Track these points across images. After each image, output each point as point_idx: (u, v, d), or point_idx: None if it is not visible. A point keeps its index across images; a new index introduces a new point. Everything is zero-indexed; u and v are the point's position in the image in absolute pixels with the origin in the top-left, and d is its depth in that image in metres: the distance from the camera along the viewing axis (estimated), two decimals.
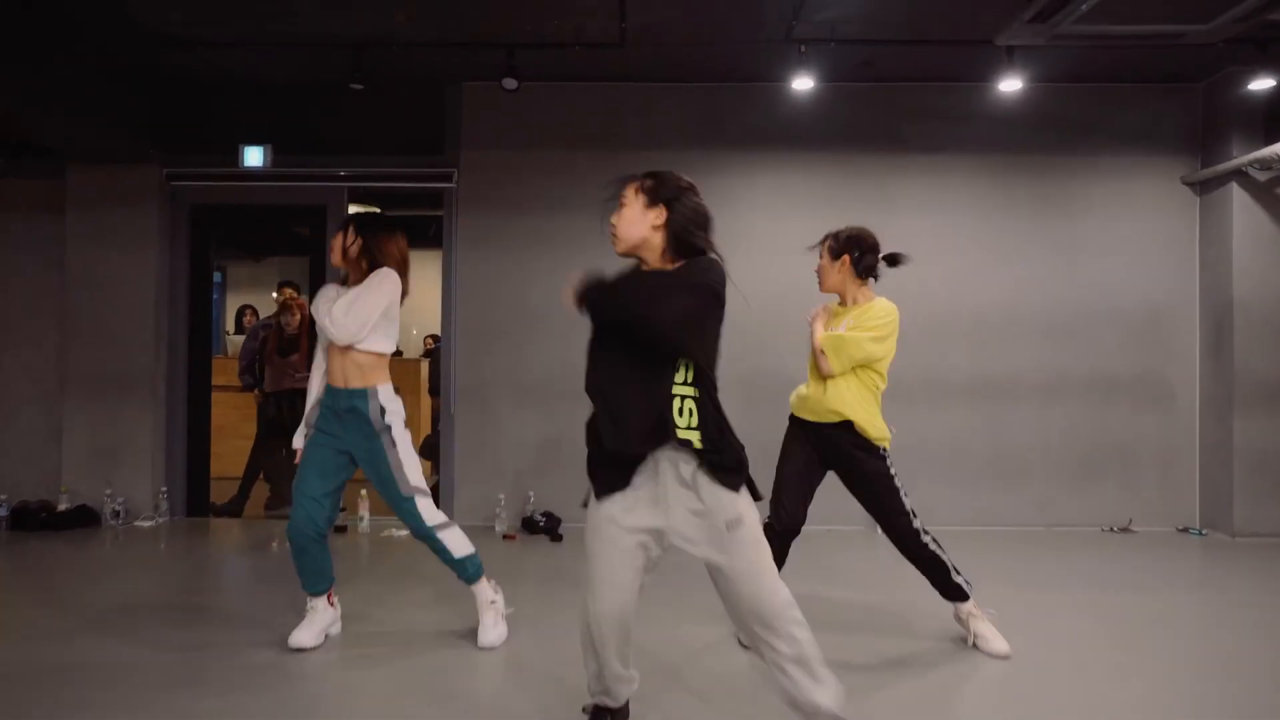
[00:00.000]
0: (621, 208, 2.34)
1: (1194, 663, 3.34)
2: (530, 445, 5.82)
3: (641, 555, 2.29)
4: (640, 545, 2.27)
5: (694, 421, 2.22)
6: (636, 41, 5.01)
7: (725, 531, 2.20)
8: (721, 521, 2.21)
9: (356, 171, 5.92)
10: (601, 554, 2.29)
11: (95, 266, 5.81)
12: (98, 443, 5.80)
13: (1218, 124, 5.69)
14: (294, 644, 3.29)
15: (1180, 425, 5.87)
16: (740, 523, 2.22)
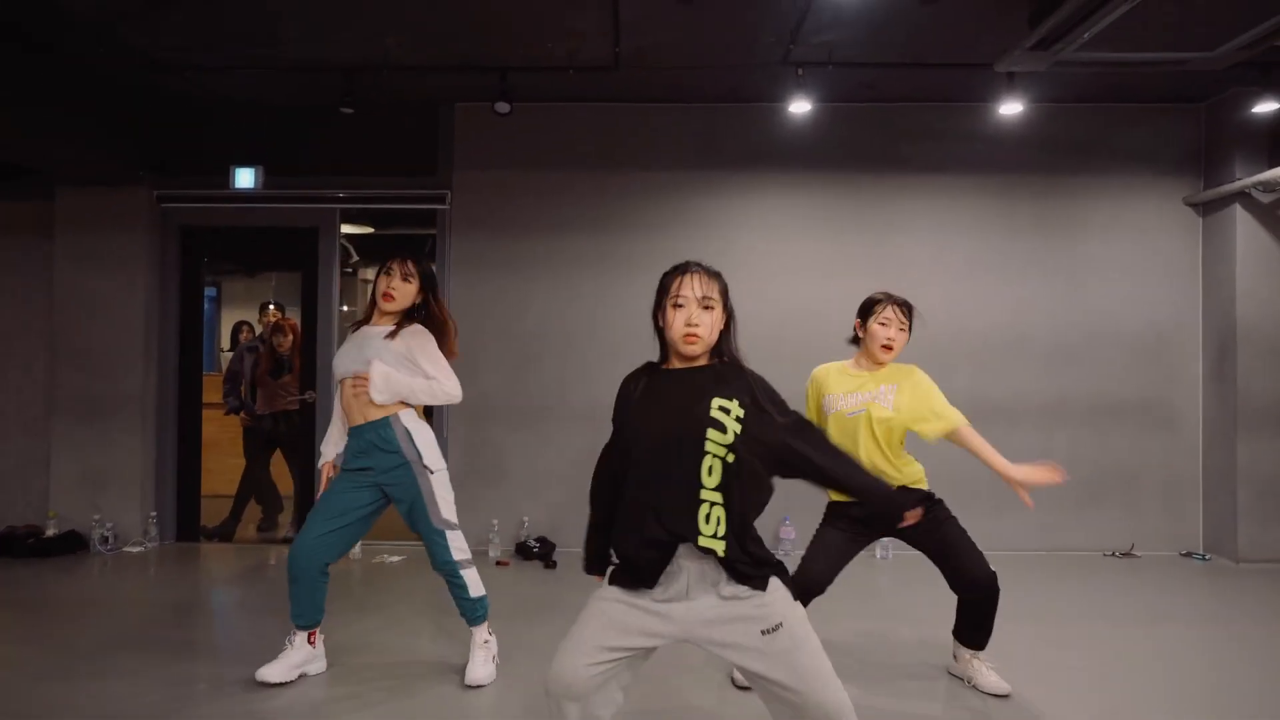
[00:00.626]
0: (710, 310, 2.18)
1: (1197, 696, 3.27)
2: (525, 469, 5.74)
3: (628, 652, 2.12)
4: (636, 641, 2.11)
5: (720, 530, 2.06)
6: (630, 64, 4.95)
7: (764, 637, 2.05)
8: (756, 628, 2.06)
9: (349, 193, 5.84)
10: (585, 620, 2.15)
11: (84, 289, 5.74)
12: (86, 466, 5.72)
13: (1221, 145, 5.61)
14: (260, 677, 3.22)
15: (1184, 449, 5.79)
16: (782, 624, 2.06)
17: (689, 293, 2.17)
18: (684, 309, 2.16)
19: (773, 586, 2.10)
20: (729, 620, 2.07)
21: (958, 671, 3.44)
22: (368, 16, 4.35)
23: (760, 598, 2.08)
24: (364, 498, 3.24)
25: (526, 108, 5.55)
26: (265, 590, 4.83)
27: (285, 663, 3.28)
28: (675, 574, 2.08)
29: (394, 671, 3.46)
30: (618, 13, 4.23)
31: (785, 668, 2.04)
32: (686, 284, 2.19)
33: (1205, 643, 3.91)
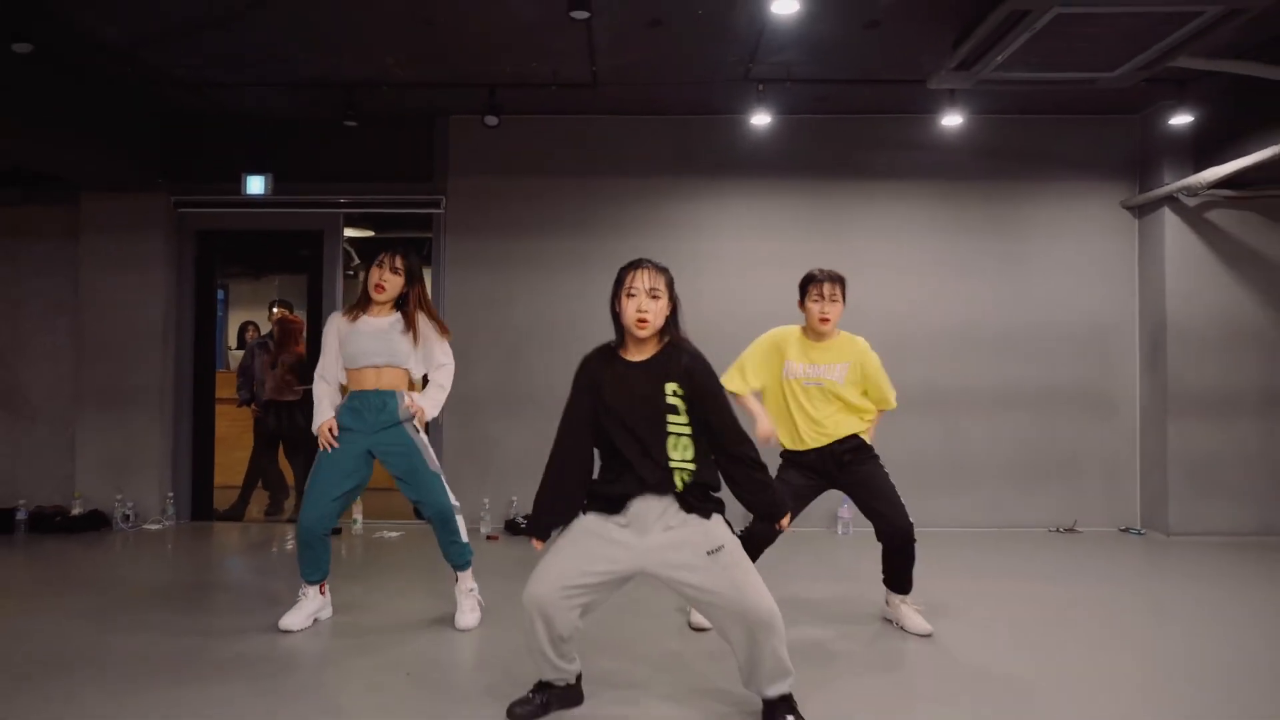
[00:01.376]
0: (656, 299, 2.63)
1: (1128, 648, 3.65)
2: (513, 453, 6.20)
3: (600, 576, 2.60)
4: (607, 568, 2.59)
5: (687, 482, 2.60)
6: (607, 81, 5.45)
7: (709, 556, 2.56)
8: (704, 550, 2.57)
9: (351, 198, 6.33)
10: (561, 548, 2.64)
11: (107, 288, 6.24)
12: (109, 452, 6.20)
13: (1152, 153, 6.11)
14: (283, 625, 3.67)
15: (1121, 433, 6.27)
16: (723, 547, 2.58)
17: (639, 285, 2.65)
18: (635, 298, 2.64)
19: (715, 518, 2.62)
20: (679, 545, 2.58)
21: (888, 615, 3.91)
22: (368, 38, 4.84)
23: (705, 525, 2.60)
24: (361, 461, 3.70)
25: (514, 120, 6.03)
26: (273, 560, 5.30)
27: (302, 611, 3.74)
28: (637, 508, 2.60)
29: (391, 623, 3.92)
30: (592, 35, 4.72)
31: (726, 581, 2.55)
32: (638, 278, 2.66)
33: (1137, 605, 4.30)
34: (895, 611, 3.86)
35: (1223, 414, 5.94)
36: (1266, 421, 5.93)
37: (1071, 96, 5.70)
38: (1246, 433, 5.93)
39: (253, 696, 3.01)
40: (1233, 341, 5.95)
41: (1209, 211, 5.96)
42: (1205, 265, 5.98)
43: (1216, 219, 5.97)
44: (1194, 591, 4.54)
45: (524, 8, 4.40)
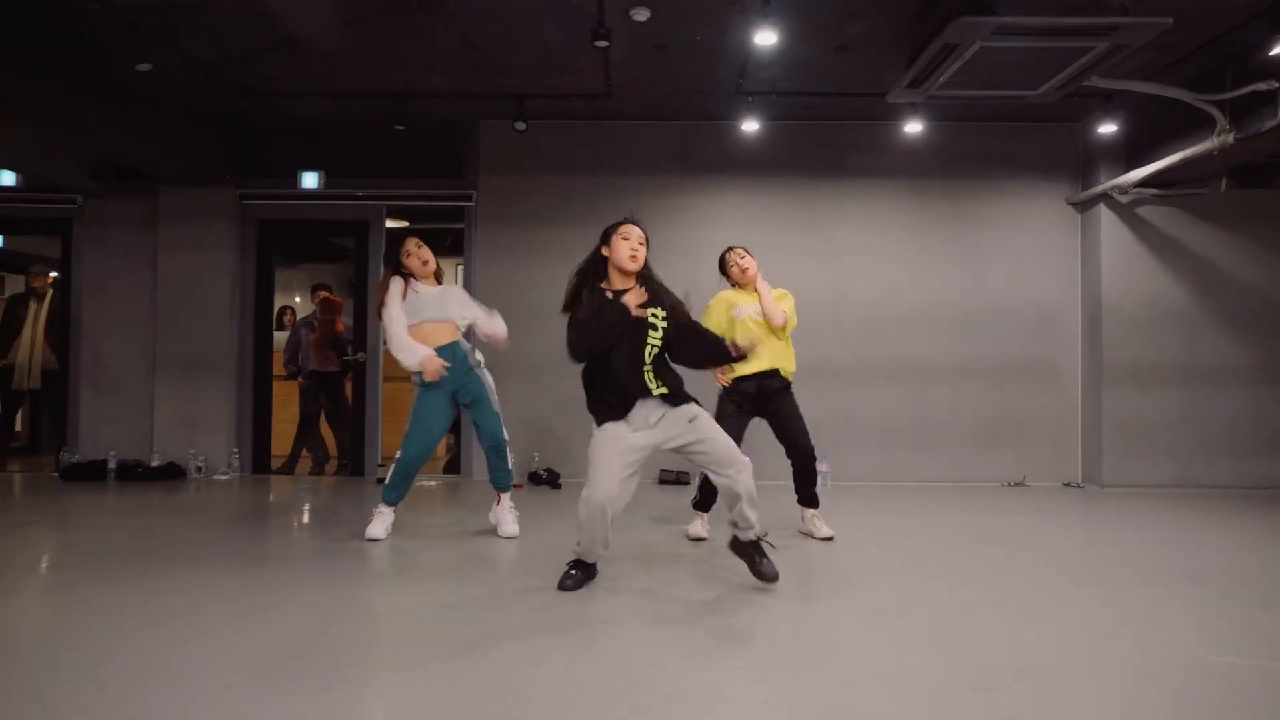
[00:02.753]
0: (642, 246, 3.62)
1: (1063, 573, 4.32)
2: (533, 415, 7.11)
3: (635, 462, 3.54)
4: (636, 455, 3.53)
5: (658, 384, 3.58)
6: (619, 93, 6.36)
7: (690, 423, 3.55)
8: (685, 420, 3.56)
9: (393, 193, 7.25)
10: (604, 457, 3.51)
11: (181, 269, 7.16)
12: (183, 412, 7.13)
13: (1090, 156, 7.02)
14: (369, 535, 4.59)
15: (1065, 400, 7.19)
16: (697, 415, 3.59)
17: (632, 232, 3.62)
18: (629, 240, 3.60)
19: (689, 402, 3.61)
20: (671, 423, 3.56)
21: (804, 529, 4.84)
22: (419, 57, 5.74)
23: (684, 407, 3.59)
24: (449, 410, 4.65)
25: (537, 125, 6.93)
26: (324, 502, 6.21)
27: (383, 524, 4.64)
28: (638, 411, 3.55)
29: (446, 537, 4.85)
30: (608, 56, 5.63)
31: (703, 433, 3.56)
32: (629, 228, 3.64)
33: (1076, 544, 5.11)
34: (809, 524, 4.79)
35: (1149, 383, 6.85)
36: (1186, 389, 6.84)
37: (1017, 107, 6.59)
38: (1169, 399, 6.85)
39: (360, 576, 3.95)
40: (1158, 321, 6.86)
41: (1139, 208, 6.87)
42: (1136, 255, 6.89)
43: (1146, 214, 6.88)
44: (1123, 533, 5.27)
45: (552, 34, 5.30)
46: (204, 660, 2.74)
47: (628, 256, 3.57)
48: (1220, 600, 3.62)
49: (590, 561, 3.74)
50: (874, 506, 6.00)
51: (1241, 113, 5.27)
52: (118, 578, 3.78)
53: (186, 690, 2.50)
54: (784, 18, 4.93)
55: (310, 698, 2.46)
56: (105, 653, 2.81)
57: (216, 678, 2.59)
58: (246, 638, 2.98)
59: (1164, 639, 3.07)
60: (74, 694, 2.47)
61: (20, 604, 3.48)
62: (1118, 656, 2.88)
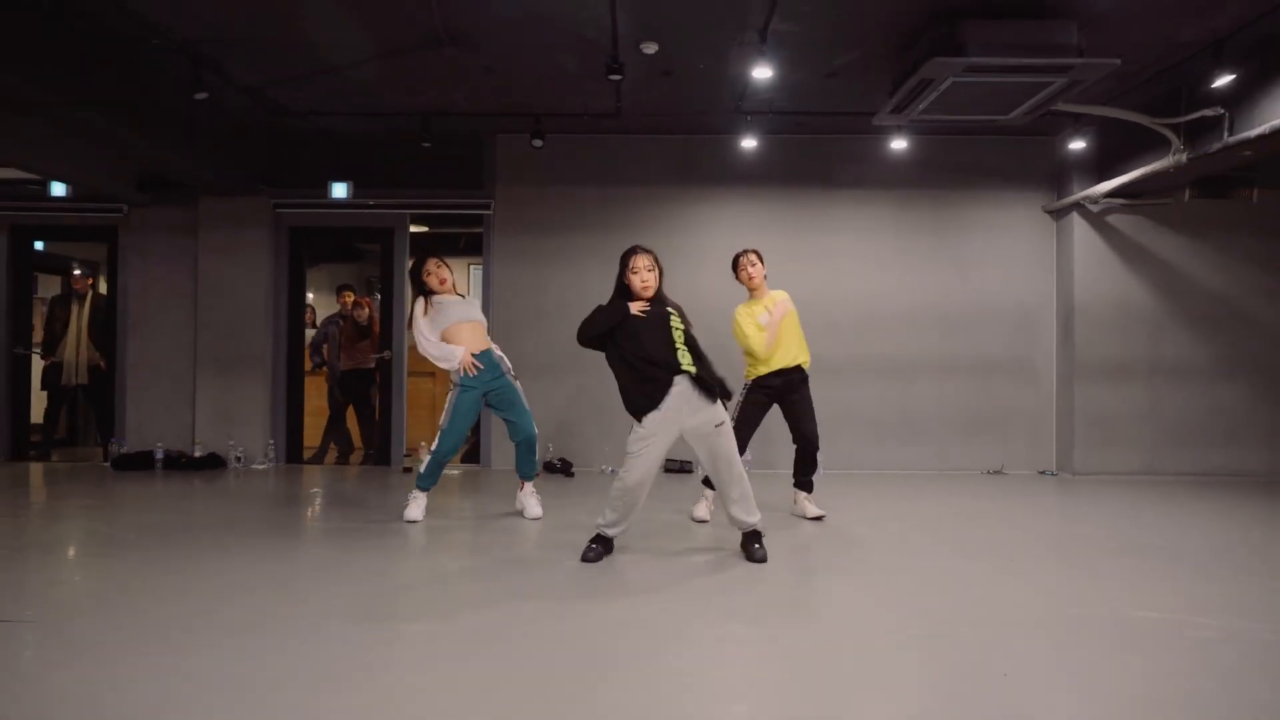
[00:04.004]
0: (651, 273, 4.21)
1: (1034, 549, 4.88)
2: (548, 409, 7.63)
3: (665, 451, 4.11)
4: (665, 444, 4.09)
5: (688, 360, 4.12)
6: (628, 113, 6.90)
7: (715, 429, 4.09)
8: (713, 425, 4.10)
9: (417, 201, 7.78)
10: (643, 450, 4.04)
11: (219, 273, 7.69)
12: (222, 406, 7.68)
13: (1064, 168, 7.56)
14: (408, 518, 5.13)
15: (1041, 394, 7.73)
16: (724, 423, 4.13)
17: (640, 263, 4.19)
18: (638, 274, 4.17)
19: (718, 404, 4.14)
20: (700, 422, 4.09)
21: (796, 511, 5.39)
22: (443, 80, 6.27)
23: (713, 408, 4.12)
24: (478, 407, 5.18)
25: (550, 139, 7.44)
26: (351, 490, 6.76)
27: (419, 506, 5.20)
28: (672, 399, 4.05)
29: (476, 518, 5.42)
30: (620, 83, 6.16)
31: (725, 443, 4.09)
32: (637, 259, 4.21)
33: (1050, 527, 5.78)
34: (800, 506, 5.34)
35: (1118, 379, 7.40)
36: (1152, 384, 7.40)
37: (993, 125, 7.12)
38: (1136, 393, 7.40)
39: (405, 551, 4.52)
40: (1126, 321, 7.41)
41: (1109, 216, 7.42)
42: (1106, 260, 7.43)
43: (1115, 222, 7.42)
44: (1094, 517, 5.84)
45: (568, 61, 5.84)
46: (303, 608, 3.30)
47: (639, 287, 4.19)
48: (1158, 570, 4.18)
49: (610, 537, 4.29)
50: (863, 491, 6.56)
51: (1194, 134, 5.81)
52: (201, 549, 4.34)
53: (292, 627, 3.06)
54: (780, 50, 5.47)
55: (399, 627, 3.02)
56: (225, 605, 3.37)
57: (315, 620, 3.15)
58: (333, 590, 3.54)
59: (1100, 600, 3.63)
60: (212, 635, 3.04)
61: (143, 571, 4.04)
62: (1058, 612, 3.44)
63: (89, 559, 4.37)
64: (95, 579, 3.94)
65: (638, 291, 4.19)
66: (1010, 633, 3.18)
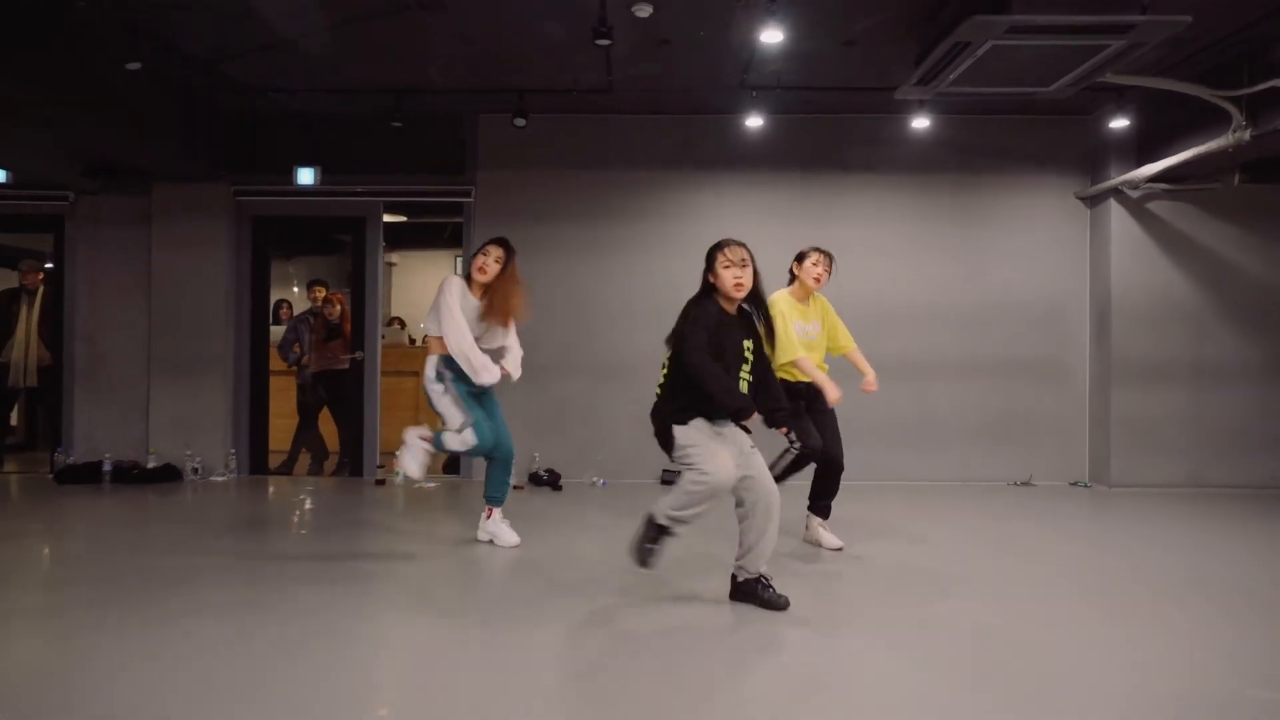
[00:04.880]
0: (746, 269, 3.54)
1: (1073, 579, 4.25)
2: (535, 415, 6.99)
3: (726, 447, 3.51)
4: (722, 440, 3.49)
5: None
6: (621, 88, 6.24)
7: (750, 450, 3.51)
8: (748, 446, 3.52)
9: (391, 188, 7.13)
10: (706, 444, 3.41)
11: (175, 268, 7.04)
12: (179, 413, 7.04)
13: (1101, 150, 6.90)
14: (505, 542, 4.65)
15: (1073, 398, 7.10)
16: (755, 446, 3.54)
17: (734, 255, 3.57)
18: (731, 268, 3.55)
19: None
20: (741, 441, 3.50)
21: (809, 538, 4.76)
22: (415, 53, 5.62)
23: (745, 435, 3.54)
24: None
25: (536, 119, 6.79)
26: (322, 504, 6.13)
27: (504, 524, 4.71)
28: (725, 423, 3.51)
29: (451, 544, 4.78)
30: (610, 52, 5.50)
31: (759, 466, 3.49)
32: (731, 252, 3.58)
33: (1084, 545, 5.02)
34: (815, 534, 4.71)
35: (1158, 381, 6.76)
36: (1195, 388, 6.76)
37: (1027, 101, 6.47)
38: (1178, 397, 6.76)
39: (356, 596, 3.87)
40: (1168, 318, 6.77)
41: (1150, 203, 6.76)
42: (1146, 251, 6.78)
43: (1157, 209, 6.77)
44: (1133, 533, 5.25)
45: (553, 30, 5.18)
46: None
47: (732, 285, 3.55)
48: (1241, 617, 3.54)
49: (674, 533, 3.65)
50: (879, 508, 5.92)
51: (1258, 109, 5.15)
52: (129, 598, 3.70)
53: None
54: (791, 13, 4.81)
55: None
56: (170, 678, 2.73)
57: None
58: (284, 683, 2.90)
59: (1193, 669, 2.97)
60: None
61: (13, 631, 3.40)
62: (1147, 692, 2.79)
63: None
64: None
65: (728, 293, 3.56)
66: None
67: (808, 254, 4.66)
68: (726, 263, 3.53)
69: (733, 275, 3.52)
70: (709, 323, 3.48)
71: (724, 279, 3.53)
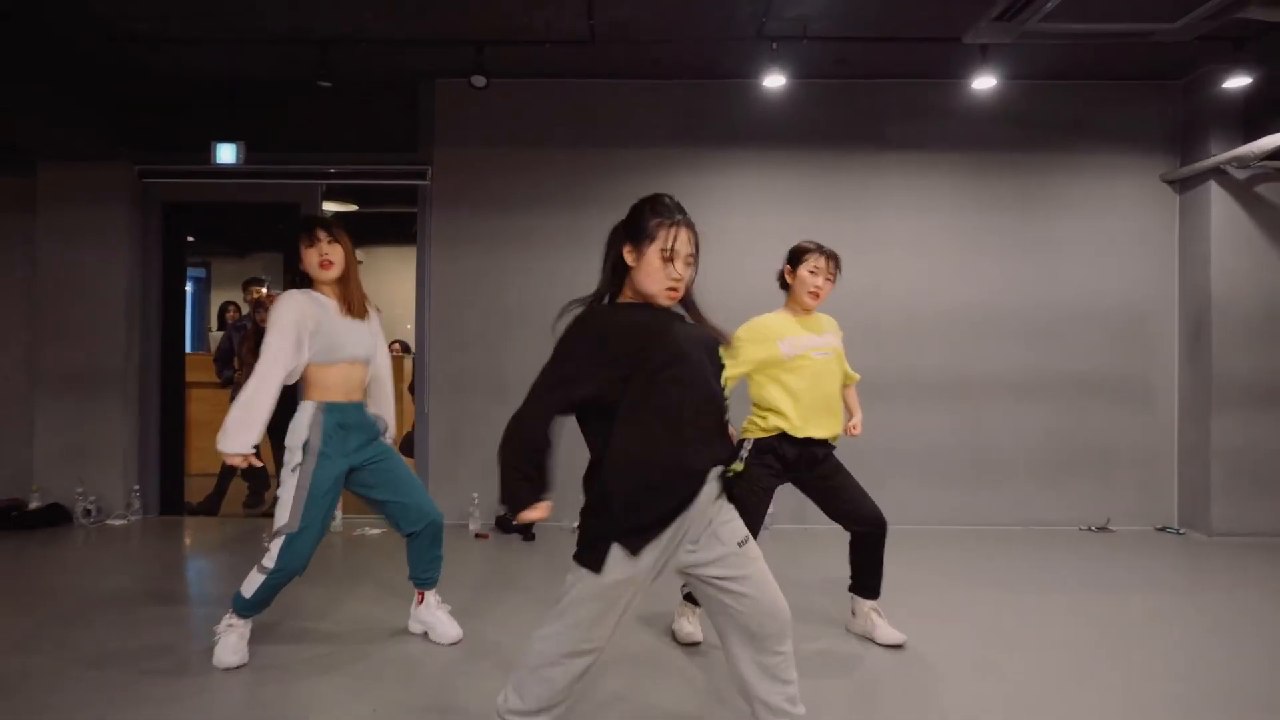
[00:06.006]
0: (693, 258, 2.19)
1: (1173, 665, 3.29)
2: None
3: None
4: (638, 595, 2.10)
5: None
6: (607, 38, 4.98)
7: (739, 547, 2.11)
8: (735, 541, 2.12)
9: (330, 169, 5.88)
10: (606, 610, 2.06)
11: (66, 264, 5.80)
12: (69, 440, 5.79)
13: (1197, 121, 5.65)
14: (221, 663, 3.12)
15: (1159, 425, 5.85)
16: (748, 538, 2.15)
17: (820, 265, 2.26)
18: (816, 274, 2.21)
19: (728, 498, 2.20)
20: (712, 536, 2.11)
21: (857, 629, 3.49)
22: None
23: (735, 521, 2.16)
24: (340, 487, 3.22)
25: (504, 84, 5.57)
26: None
27: (235, 642, 3.17)
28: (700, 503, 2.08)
29: (360, 644, 3.51)
30: None
31: (754, 572, 2.10)
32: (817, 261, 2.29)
33: (1180, 614, 3.92)
34: (865, 622, 3.46)
35: (1271, 406, 5.50)
36: None
37: (1112, 58, 5.23)
38: None
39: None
40: None
41: (1260, 185, 5.50)
42: (1255, 244, 5.53)
43: (1268, 193, 5.51)
44: (1241, 598, 4.16)
45: None
46: None
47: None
48: None
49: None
50: (926, 566, 4.68)
51: None
52: None
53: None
54: None
55: None
56: None
57: None
58: None
59: None
60: None
61: None
62: None
63: None
64: None
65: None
66: None
67: (807, 253, 3.32)
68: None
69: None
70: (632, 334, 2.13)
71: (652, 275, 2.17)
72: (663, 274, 2.13)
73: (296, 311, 3.12)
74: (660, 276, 2.13)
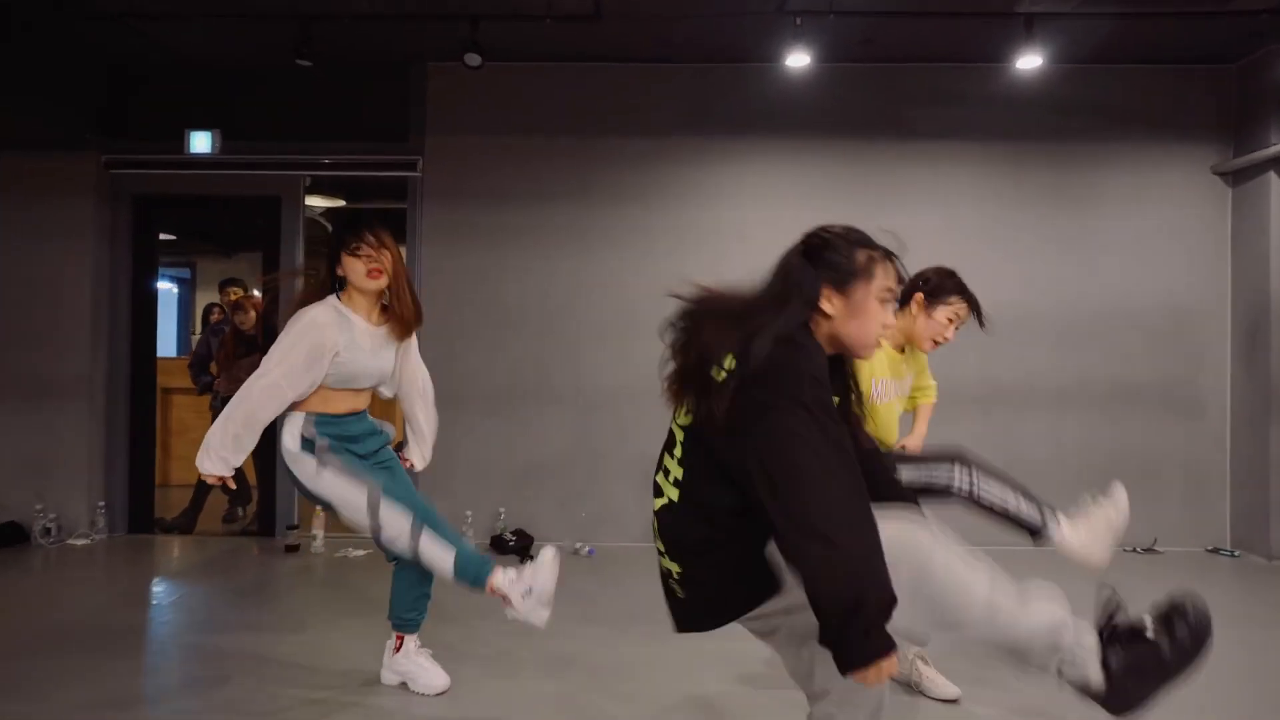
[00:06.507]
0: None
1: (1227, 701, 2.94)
2: (501, 457, 5.41)
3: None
4: None
5: None
6: (613, 14, 4.58)
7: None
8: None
9: (314, 160, 5.52)
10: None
11: (27, 262, 5.44)
12: (28, 453, 5.41)
13: (1254, 108, 5.29)
14: (424, 689, 2.97)
15: (1210, 437, 5.49)
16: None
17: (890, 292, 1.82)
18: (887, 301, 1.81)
19: None
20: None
21: (907, 676, 3.06)
22: None
23: None
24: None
25: (502, 68, 5.21)
26: (222, 584, 4.46)
27: (427, 664, 3.02)
28: None
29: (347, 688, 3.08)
30: None
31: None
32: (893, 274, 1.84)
33: (1236, 643, 3.53)
34: (915, 674, 3.03)
35: None
36: None
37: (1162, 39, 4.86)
38: None
39: None
40: None
41: None
42: None
43: None
44: None
45: None
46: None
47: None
48: None
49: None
50: None
51: None
52: None
53: None
54: None
55: None
56: None
57: None
58: None
59: None
60: None
61: None
62: None
63: None
64: None
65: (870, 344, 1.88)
66: None
67: (952, 296, 2.99)
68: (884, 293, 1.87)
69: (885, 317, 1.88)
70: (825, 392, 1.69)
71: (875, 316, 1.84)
72: (880, 319, 1.80)
73: (318, 336, 2.71)
74: (877, 324, 1.80)
